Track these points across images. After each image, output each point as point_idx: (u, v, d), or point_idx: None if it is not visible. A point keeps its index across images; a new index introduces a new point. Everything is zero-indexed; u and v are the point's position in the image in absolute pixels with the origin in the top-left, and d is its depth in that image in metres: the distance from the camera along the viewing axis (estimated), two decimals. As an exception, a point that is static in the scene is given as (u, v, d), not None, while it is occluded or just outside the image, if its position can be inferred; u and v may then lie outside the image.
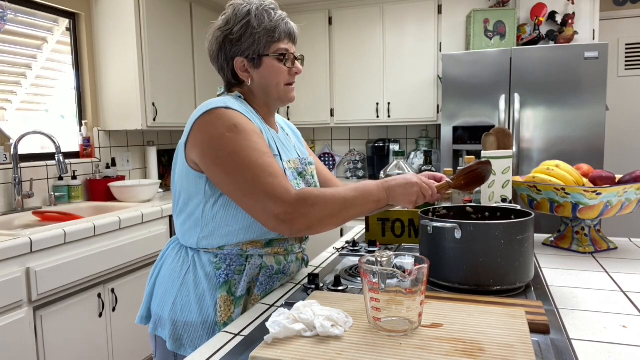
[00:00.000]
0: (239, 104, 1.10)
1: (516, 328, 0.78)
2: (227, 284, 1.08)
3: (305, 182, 1.18)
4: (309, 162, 1.24)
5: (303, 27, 3.81)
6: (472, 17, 3.23)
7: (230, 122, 1.02)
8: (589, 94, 2.84)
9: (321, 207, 0.99)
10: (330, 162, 4.13)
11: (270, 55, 1.12)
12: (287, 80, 1.15)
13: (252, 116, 1.10)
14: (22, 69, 2.72)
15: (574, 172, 1.43)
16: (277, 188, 0.98)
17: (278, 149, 1.14)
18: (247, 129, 1.03)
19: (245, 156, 0.99)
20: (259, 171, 0.99)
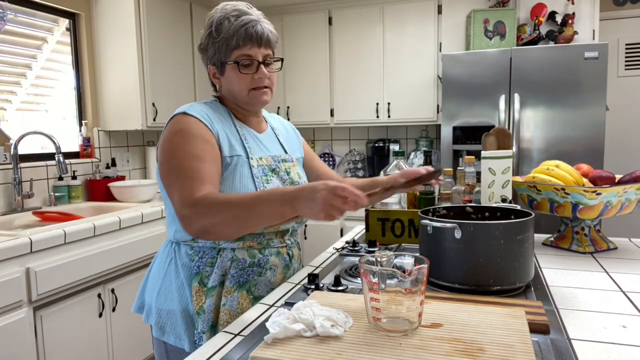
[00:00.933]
0: (206, 108, 1.17)
1: (516, 328, 0.78)
2: (198, 275, 1.15)
3: (278, 178, 1.21)
4: (283, 159, 1.25)
5: (303, 27, 3.81)
6: (472, 17, 3.23)
7: (178, 127, 1.10)
8: (589, 94, 2.84)
9: (214, 211, 0.97)
10: (330, 162, 4.13)
11: (230, 62, 1.16)
12: (251, 85, 1.17)
13: (215, 120, 1.16)
14: (22, 69, 2.72)
15: (574, 172, 1.43)
16: (185, 190, 1.01)
17: (246, 147, 1.18)
18: (192, 134, 1.09)
19: (178, 159, 1.06)
20: (181, 174, 1.04)
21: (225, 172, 1.13)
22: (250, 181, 1.14)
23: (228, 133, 1.17)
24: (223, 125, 1.18)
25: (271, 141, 1.29)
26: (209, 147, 1.10)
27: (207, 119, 1.14)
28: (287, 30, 3.86)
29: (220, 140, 1.14)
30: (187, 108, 1.14)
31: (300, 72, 3.85)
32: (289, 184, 1.23)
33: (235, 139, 1.18)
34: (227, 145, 1.15)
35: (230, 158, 1.14)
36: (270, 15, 3.87)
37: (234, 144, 1.16)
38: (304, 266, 1.36)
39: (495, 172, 1.47)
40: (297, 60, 3.85)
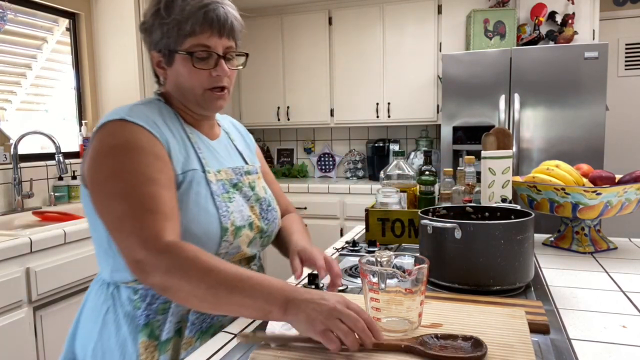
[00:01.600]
0: (149, 111, 0.93)
1: (516, 328, 0.78)
2: (147, 326, 0.90)
3: (242, 194, 1.00)
4: (246, 171, 1.05)
5: (303, 27, 3.81)
6: (472, 17, 3.23)
7: (119, 139, 0.85)
8: (589, 94, 2.84)
9: (187, 274, 0.75)
10: (330, 162, 4.13)
11: (181, 52, 0.92)
12: (207, 84, 0.94)
13: (163, 126, 0.92)
14: (22, 69, 2.72)
15: (574, 172, 1.43)
16: (146, 229, 0.78)
17: (201, 159, 0.96)
18: (140, 148, 0.85)
19: (123, 183, 0.82)
20: (134, 203, 0.80)
21: (177, 192, 0.89)
22: (209, 201, 0.91)
23: (178, 142, 0.94)
24: (172, 132, 0.94)
25: (227, 149, 1.07)
26: (162, 166, 0.86)
27: (154, 126, 0.90)
28: (287, 30, 3.86)
29: (172, 153, 0.90)
30: (127, 112, 0.89)
31: (300, 72, 3.85)
32: (254, 201, 1.03)
33: (187, 149, 0.95)
34: (178, 158, 0.92)
35: (184, 175, 0.91)
36: (270, 15, 3.88)
37: (185, 157, 0.93)
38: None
39: (495, 172, 1.47)
40: (297, 60, 3.85)
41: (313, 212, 3.55)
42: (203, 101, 0.96)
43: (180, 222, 0.86)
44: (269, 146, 4.37)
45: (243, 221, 0.97)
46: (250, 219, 1.00)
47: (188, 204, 0.89)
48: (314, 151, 4.22)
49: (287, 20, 3.84)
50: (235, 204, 0.97)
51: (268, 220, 1.05)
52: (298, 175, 4.12)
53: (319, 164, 4.16)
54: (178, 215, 0.85)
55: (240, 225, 0.96)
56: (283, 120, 3.94)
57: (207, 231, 0.89)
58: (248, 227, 0.99)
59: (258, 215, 1.03)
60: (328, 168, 4.13)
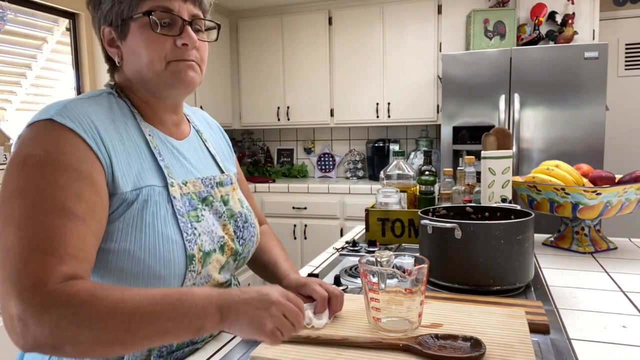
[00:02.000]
0: (92, 108, 0.74)
1: (516, 328, 0.78)
2: None
3: (212, 211, 0.83)
4: (218, 182, 0.88)
5: (303, 27, 3.81)
6: (472, 17, 3.23)
7: (36, 147, 0.67)
8: (589, 94, 2.84)
9: (83, 323, 0.58)
10: (330, 162, 4.13)
11: (134, 17, 0.76)
12: (170, 56, 0.77)
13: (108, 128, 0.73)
14: (22, 69, 2.72)
15: (574, 172, 1.43)
16: (26, 274, 0.59)
17: (162, 168, 0.78)
18: (57, 160, 0.66)
19: (23, 206, 0.63)
20: (24, 237, 0.61)
21: (124, 216, 0.71)
22: (169, 225, 0.74)
23: (130, 149, 0.75)
24: (121, 136, 0.75)
25: (197, 152, 0.89)
26: (85, 189, 0.67)
27: (91, 130, 0.70)
28: (287, 30, 3.86)
29: (114, 167, 0.71)
30: (60, 109, 0.70)
31: (300, 72, 3.85)
32: (227, 218, 0.86)
33: (142, 157, 0.77)
34: (126, 172, 0.73)
35: (136, 192, 0.73)
36: (270, 15, 3.88)
37: (139, 169, 0.75)
38: (305, 266, 1.36)
39: (495, 172, 1.47)
40: (297, 60, 3.85)
41: (313, 212, 3.55)
42: (168, 76, 0.78)
43: (132, 252, 0.70)
44: (269, 146, 4.37)
45: (213, 244, 0.81)
46: (222, 241, 0.83)
47: (142, 230, 0.71)
48: (314, 151, 4.22)
49: (287, 20, 3.84)
50: (204, 224, 0.80)
51: (244, 240, 0.89)
52: (298, 175, 4.12)
53: (319, 164, 4.16)
54: (89, 256, 0.66)
55: (209, 250, 0.80)
56: (283, 120, 3.94)
57: (167, 262, 0.72)
58: (219, 250, 0.82)
59: (232, 234, 0.86)
60: (328, 168, 4.13)
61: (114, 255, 0.71)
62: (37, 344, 0.59)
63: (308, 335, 0.76)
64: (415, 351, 0.70)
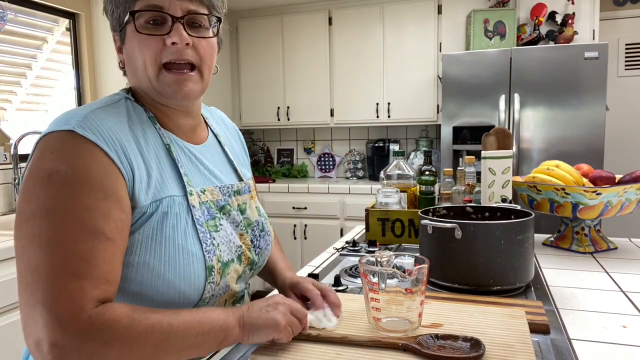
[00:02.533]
0: (111, 115, 0.71)
1: (516, 328, 0.78)
2: None
3: (229, 220, 0.82)
4: (235, 190, 0.85)
5: (303, 27, 3.81)
6: (472, 17, 3.23)
7: (59, 162, 0.64)
8: (589, 94, 2.84)
9: (128, 343, 0.61)
10: (330, 162, 4.12)
11: (127, 20, 0.74)
12: (161, 57, 0.73)
13: (128, 138, 0.71)
14: (22, 69, 2.72)
15: (574, 172, 1.43)
16: (62, 301, 0.59)
17: (182, 176, 0.76)
18: (84, 179, 0.64)
19: (51, 227, 0.61)
20: (56, 261, 0.60)
21: (143, 228, 0.70)
22: (189, 237, 0.73)
23: (150, 159, 0.73)
24: (139, 146, 0.72)
25: (215, 158, 0.86)
26: (112, 207, 0.65)
27: (114, 144, 0.68)
28: (287, 30, 3.86)
29: (135, 180, 0.69)
30: (80, 122, 0.67)
31: (300, 72, 3.85)
32: (244, 227, 0.85)
33: (162, 166, 0.74)
34: (146, 184, 0.71)
35: (155, 204, 0.71)
36: (270, 15, 3.88)
37: (159, 179, 0.73)
38: (305, 266, 1.36)
39: (495, 172, 1.47)
40: (297, 60, 3.85)
41: (313, 212, 3.55)
42: (160, 85, 0.74)
43: (152, 266, 0.69)
44: (269, 146, 4.37)
45: (231, 254, 0.80)
46: (239, 250, 0.82)
47: (162, 244, 0.70)
48: (314, 151, 4.22)
49: (287, 20, 3.84)
50: (222, 234, 0.78)
51: (260, 249, 0.88)
52: (298, 175, 4.12)
53: (319, 164, 4.16)
54: (118, 276, 0.66)
55: (227, 260, 0.78)
56: (283, 120, 3.94)
57: (187, 275, 0.72)
58: (237, 260, 0.81)
59: (249, 244, 0.85)
60: (328, 168, 4.13)
61: (134, 268, 0.69)
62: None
63: (308, 334, 0.77)
64: (414, 351, 0.70)
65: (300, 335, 0.76)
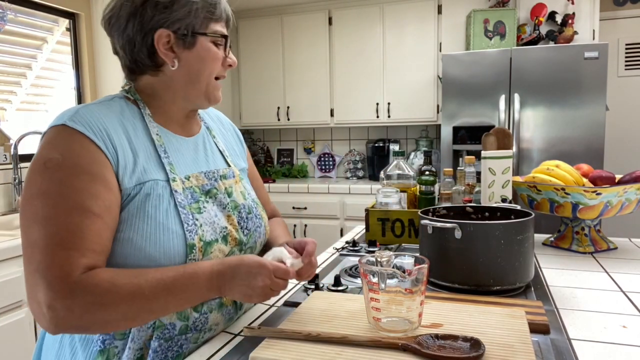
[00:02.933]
0: (102, 112, 0.81)
1: (516, 328, 0.78)
2: (103, 353, 0.80)
3: (216, 202, 0.89)
4: (221, 175, 0.94)
5: (303, 27, 3.81)
6: (472, 17, 3.23)
7: (52, 151, 0.75)
8: (589, 94, 2.84)
9: (109, 307, 0.70)
10: (330, 162, 4.13)
11: (209, 35, 0.87)
12: (219, 71, 0.91)
13: (116, 130, 0.81)
14: (22, 69, 2.72)
15: (574, 172, 1.43)
16: (53, 267, 0.69)
17: (165, 165, 0.85)
18: (73, 164, 0.74)
19: (45, 206, 0.72)
20: (48, 235, 0.71)
21: (128, 207, 0.79)
22: (172, 216, 0.80)
23: (137, 148, 0.82)
24: (129, 137, 0.82)
25: (205, 149, 0.96)
26: (99, 188, 0.75)
27: (101, 133, 0.78)
28: (287, 30, 3.86)
29: (119, 165, 0.79)
30: (72, 115, 0.78)
31: (300, 72, 3.85)
32: (231, 209, 0.92)
33: (147, 155, 0.84)
34: (131, 169, 0.80)
35: (139, 187, 0.80)
36: (270, 15, 3.88)
37: (144, 165, 0.82)
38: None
39: (495, 172, 1.47)
40: (297, 60, 3.85)
41: (313, 212, 3.55)
42: (212, 89, 0.90)
43: (134, 241, 0.78)
44: (269, 146, 4.37)
45: (215, 234, 0.86)
46: (225, 231, 0.88)
47: (143, 221, 0.78)
48: (314, 151, 4.22)
49: (287, 20, 3.84)
50: (206, 215, 0.86)
51: (248, 230, 0.94)
52: (298, 175, 4.12)
53: (319, 164, 4.16)
54: (107, 248, 0.76)
55: (211, 239, 0.85)
56: (283, 120, 3.94)
57: (166, 251, 0.79)
58: (222, 240, 0.87)
59: (236, 225, 0.91)
60: (328, 168, 4.13)
61: (119, 243, 0.78)
62: (66, 327, 0.71)
63: (308, 334, 0.77)
64: (414, 351, 0.70)
65: (300, 335, 0.77)
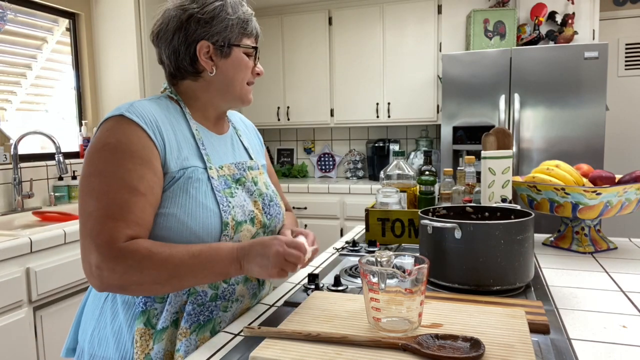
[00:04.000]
0: (153, 107, 0.96)
1: (516, 328, 0.78)
2: (144, 314, 0.92)
3: (245, 189, 1.03)
4: (249, 166, 1.09)
5: (303, 27, 3.81)
6: (472, 17, 3.23)
7: (110, 138, 0.88)
8: (589, 94, 2.84)
9: (144, 270, 0.83)
10: (330, 162, 4.13)
11: (242, 46, 1.02)
12: (250, 78, 1.06)
13: (164, 123, 0.95)
14: (22, 69, 2.72)
15: (574, 172, 1.43)
16: (102, 234, 0.83)
17: (204, 155, 0.98)
18: (127, 150, 0.88)
19: (101, 183, 0.86)
20: (101, 207, 0.84)
21: (173, 188, 0.93)
22: (209, 197, 0.94)
23: (180, 140, 0.97)
24: (174, 130, 0.97)
25: (233, 145, 1.11)
26: (146, 171, 0.88)
27: (152, 124, 0.92)
28: (287, 30, 3.86)
29: (167, 152, 0.93)
30: (127, 108, 0.92)
31: (300, 72, 3.85)
32: (257, 196, 1.06)
33: (189, 146, 0.98)
34: (176, 156, 0.94)
35: (182, 171, 0.94)
36: (270, 15, 3.88)
37: (186, 154, 0.96)
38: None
39: (495, 172, 1.47)
40: (297, 60, 3.85)
41: (313, 212, 3.55)
42: (245, 93, 1.05)
43: (177, 216, 0.91)
44: (269, 146, 4.37)
45: (244, 216, 0.99)
46: (252, 214, 1.02)
47: (186, 200, 0.92)
48: (314, 151, 4.22)
49: (287, 20, 3.84)
50: (237, 199, 0.99)
51: (271, 215, 1.08)
52: (298, 175, 4.12)
53: (319, 164, 4.16)
54: (149, 223, 0.89)
55: (241, 220, 0.98)
56: (283, 120, 3.94)
57: (205, 226, 0.92)
58: (250, 222, 1.01)
59: (261, 210, 1.05)
60: (328, 168, 4.13)
61: (164, 217, 0.91)
62: (110, 285, 0.84)
63: (308, 334, 0.77)
64: (414, 350, 0.70)
65: (300, 335, 0.77)
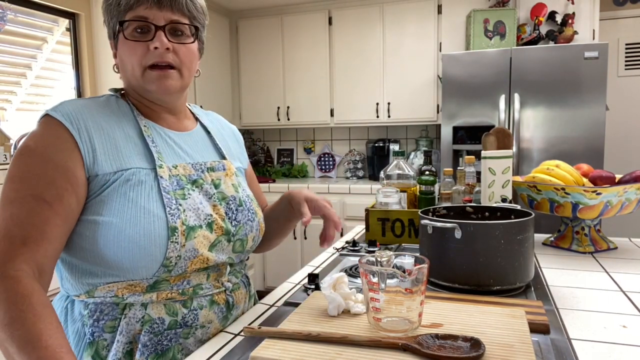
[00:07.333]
0: (87, 105, 0.87)
1: (516, 328, 0.78)
2: (92, 345, 0.82)
3: (202, 192, 0.91)
4: (209, 167, 0.95)
5: (303, 27, 3.81)
6: (472, 17, 3.23)
7: (31, 139, 0.81)
8: (589, 94, 2.84)
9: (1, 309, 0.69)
10: (330, 162, 4.13)
11: (118, 29, 0.87)
12: (146, 60, 0.86)
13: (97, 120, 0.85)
14: (22, 69, 2.72)
15: (574, 172, 1.43)
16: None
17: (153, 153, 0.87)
18: (42, 153, 0.79)
19: (10, 190, 0.78)
20: (6, 217, 0.76)
21: (107, 192, 0.82)
22: (154, 200, 0.83)
23: (120, 139, 0.86)
24: (112, 129, 0.86)
25: (197, 143, 0.98)
26: (57, 176, 0.78)
27: (78, 123, 0.83)
28: (287, 30, 3.86)
29: (97, 153, 0.82)
30: (55, 106, 0.84)
31: (300, 72, 3.85)
32: (219, 200, 0.93)
33: (133, 145, 0.87)
34: (112, 157, 0.84)
35: (120, 173, 0.83)
36: (270, 15, 3.88)
37: (127, 154, 0.85)
38: (305, 266, 1.36)
39: (495, 172, 1.47)
40: (297, 60, 3.85)
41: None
42: (145, 82, 0.87)
43: (115, 224, 0.80)
44: (269, 146, 4.37)
45: (199, 220, 0.87)
46: (210, 219, 0.89)
47: (124, 205, 0.81)
48: (314, 151, 4.22)
49: (287, 20, 3.84)
50: (190, 201, 0.87)
51: (237, 222, 0.94)
52: (298, 175, 4.12)
53: (319, 164, 4.16)
54: (51, 235, 0.77)
55: (194, 225, 0.86)
56: (283, 120, 3.94)
57: (148, 233, 0.80)
58: (206, 227, 0.88)
59: (222, 215, 0.92)
60: (328, 168, 4.13)
61: (100, 226, 0.80)
62: None
63: (308, 334, 0.77)
64: (414, 350, 0.70)
65: (300, 335, 0.76)
